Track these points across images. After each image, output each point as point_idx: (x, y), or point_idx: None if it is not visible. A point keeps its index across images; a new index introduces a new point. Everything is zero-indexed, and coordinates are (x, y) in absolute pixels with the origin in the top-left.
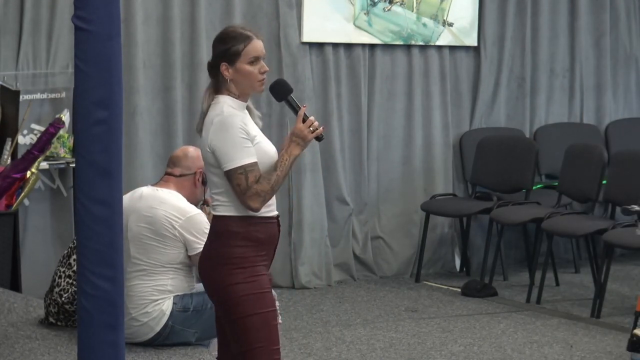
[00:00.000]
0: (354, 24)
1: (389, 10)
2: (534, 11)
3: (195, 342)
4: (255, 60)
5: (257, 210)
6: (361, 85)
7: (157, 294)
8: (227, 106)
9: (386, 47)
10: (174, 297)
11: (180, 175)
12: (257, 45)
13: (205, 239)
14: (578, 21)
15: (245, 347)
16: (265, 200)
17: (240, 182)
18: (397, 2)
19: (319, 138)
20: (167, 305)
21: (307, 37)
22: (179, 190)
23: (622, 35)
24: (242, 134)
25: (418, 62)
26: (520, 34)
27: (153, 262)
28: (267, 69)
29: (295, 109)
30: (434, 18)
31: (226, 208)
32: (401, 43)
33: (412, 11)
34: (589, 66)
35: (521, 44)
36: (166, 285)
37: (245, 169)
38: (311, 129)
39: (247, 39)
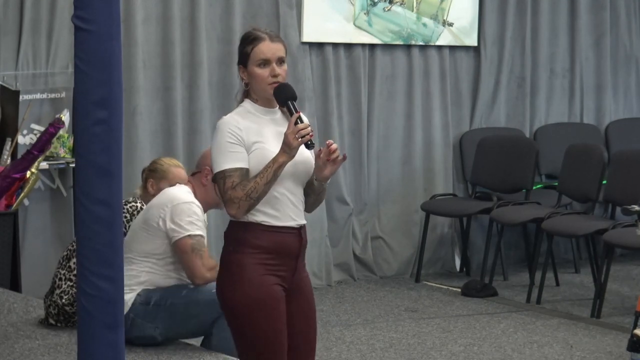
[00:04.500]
0: (354, 24)
1: (389, 10)
2: (534, 11)
3: (161, 339)
4: (264, 63)
5: (235, 217)
6: (361, 85)
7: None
8: (241, 109)
9: (386, 47)
10: (142, 290)
11: (192, 174)
12: (266, 48)
13: (189, 228)
14: (578, 21)
15: (237, 352)
16: (241, 208)
17: (218, 186)
18: (397, 2)
19: (308, 145)
20: (130, 297)
21: (307, 37)
22: (194, 189)
23: (622, 35)
24: (230, 138)
25: (418, 62)
26: (520, 34)
27: (134, 251)
28: (279, 72)
29: (291, 115)
30: (434, 18)
31: None
32: (401, 43)
33: (412, 11)
34: (589, 66)
35: (521, 44)
36: (138, 277)
37: (224, 174)
38: (297, 135)
39: (255, 41)
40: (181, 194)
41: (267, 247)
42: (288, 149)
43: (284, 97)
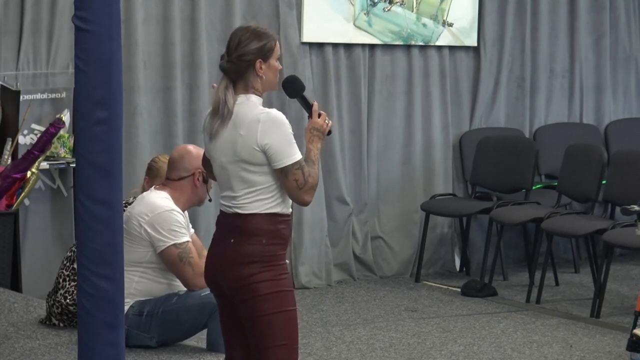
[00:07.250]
0: (354, 24)
1: (389, 10)
2: (534, 11)
3: (158, 345)
4: (279, 57)
5: (309, 204)
6: (361, 85)
7: None
8: (259, 104)
9: (386, 47)
10: (135, 301)
11: (180, 179)
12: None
13: (173, 237)
14: (578, 21)
15: (267, 344)
16: (314, 194)
17: (298, 177)
18: (397, 2)
19: (329, 132)
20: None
21: (307, 37)
22: (178, 193)
23: (622, 35)
24: (290, 129)
25: (418, 62)
26: (520, 34)
27: None
28: (281, 66)
29: (309, 105)
30: (434, 18)
31: (258, 205)
32: (401, 43)
33: (412, 11)
34: (588, 66)
35: (521, 44)
36: (128, 288)
37: (300, 164)
38: (326, 122)
39: (274, 37)
40: (160, 202)
41: (287, 236)
42: (322, 135)
43: (299, 89)
